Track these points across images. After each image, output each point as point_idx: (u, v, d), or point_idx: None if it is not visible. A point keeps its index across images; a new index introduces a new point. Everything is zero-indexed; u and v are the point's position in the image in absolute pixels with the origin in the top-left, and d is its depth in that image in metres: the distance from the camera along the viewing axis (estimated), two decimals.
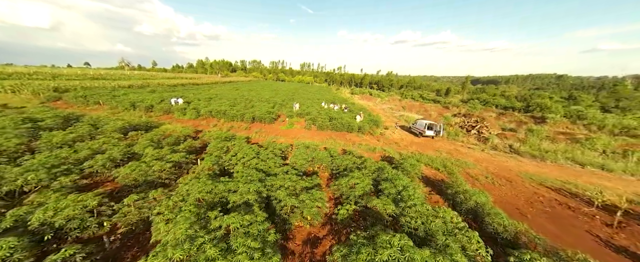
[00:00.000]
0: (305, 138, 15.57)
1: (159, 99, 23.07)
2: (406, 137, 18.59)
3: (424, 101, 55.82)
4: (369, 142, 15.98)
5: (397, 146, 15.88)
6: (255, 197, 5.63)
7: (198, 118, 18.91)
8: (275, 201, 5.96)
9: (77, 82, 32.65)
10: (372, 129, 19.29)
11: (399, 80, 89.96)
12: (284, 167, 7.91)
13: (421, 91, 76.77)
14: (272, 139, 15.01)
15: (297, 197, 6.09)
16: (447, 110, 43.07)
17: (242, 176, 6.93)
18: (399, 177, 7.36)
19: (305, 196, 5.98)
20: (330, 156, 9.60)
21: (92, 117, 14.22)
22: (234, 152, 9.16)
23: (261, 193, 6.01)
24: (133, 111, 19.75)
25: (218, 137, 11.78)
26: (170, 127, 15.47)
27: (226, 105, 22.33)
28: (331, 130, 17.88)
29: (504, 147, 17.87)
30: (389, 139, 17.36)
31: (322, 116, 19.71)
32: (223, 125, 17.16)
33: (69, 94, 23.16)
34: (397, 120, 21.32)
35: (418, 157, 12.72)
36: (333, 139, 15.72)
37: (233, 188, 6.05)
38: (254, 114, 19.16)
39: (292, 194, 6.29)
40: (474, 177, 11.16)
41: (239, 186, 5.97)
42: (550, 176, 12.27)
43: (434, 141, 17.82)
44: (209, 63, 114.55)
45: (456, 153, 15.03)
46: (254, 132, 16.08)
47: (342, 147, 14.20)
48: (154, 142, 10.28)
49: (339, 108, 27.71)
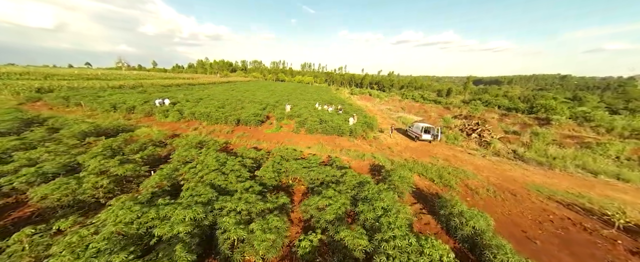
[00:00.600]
0: (291, 143, 14.37)
1: (143, 100, 22.01)
2: (401, 141, 17.32)
3: (424, 102, 54.38)
4: (360, 147, 14.74)
5: (391, 151, 14.62)
6: (190, 228, 4.44)
7: (180, 121, 17.79)
8: (220, 232, 4.76)
9: (66, 82, 31.76)
10: (365, 133, 18.04)
11: (400, 80, 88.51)
12: (248, 183, 6.71)
13: (422, 92, 75.30)
14: (254, 144, 13.86)
15: (249, 224, 4.89)
16: (448, 112, 41.69)
17: (189, 195, 5.75)
18: (380, 197, 6.12)
19: (257, 224, 4.77)
20: (305, 167, 8.39)
21: (57, 120, 13.15)
22: (196, 163, 7.99)
23: (202, 221, 4.81)
24: (113, 113, 18.69)
25: (188, 144, 10.62)
26: (145, 131, 14.34)
27: (213, 106, 21.22)
28: (321, 133, 16.67)
29: (507, 153, 16.53)
30: (383, 144, 16.10)
31: (312, 119, 18.50)
32: (204, 129, 16.03)
33: (51, 95, 22.19)
34: (392, 123, 20.08)
35: (411, 166, 11.46)
36: (321, 143, 14.50)
37: (170, 213, 4.86)
38: (239, 116, 18.02)
39: (245, 221, 5.09)
40: (474, 189, 9.87)
41: (175, 211, 4.78)
42: (559, 187, 10.94)
43: (432, 146, 16.53)
44: (208, 63, 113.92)
45: (455, 160, 13.73)
46: (236, 136, 14.91)
47: (329, 153, 12.99)
48: (113, 150, 9.16)
49: (333, 109, 26.50)
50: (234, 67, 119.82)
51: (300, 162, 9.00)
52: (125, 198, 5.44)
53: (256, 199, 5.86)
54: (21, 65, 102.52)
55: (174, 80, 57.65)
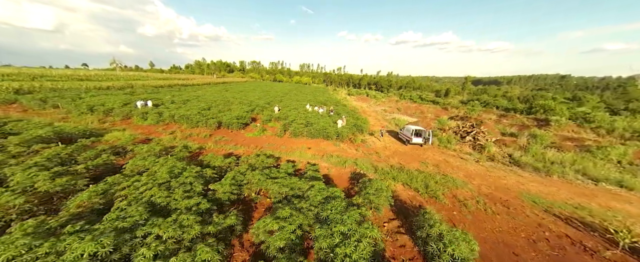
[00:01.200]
0: (271, 148, 13.46)
1: (124, 102, 21.11)
2: (391, 145, 16.39)
3: (422, 103, 53.51)
4: (345, 152, 13.81)
5: (378, 156, 13.69)
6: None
7: (158, 123, 16.87)
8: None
9: (50, 83, 30.85)
10: (353, 136, 17.13)
11: (398, 81, 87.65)
12: (194, 200, 5.78)
13: (420, 92, 74.47)
14: (231, 149, 12.94)
15: (177, 255, 3.97)
16: (445, 112, 40.82)
17: (113, 218, 4.82)
18: (342, 218, 5.19)
19: (178, 259, 3.85)
20: (271, 178, 7.46)
21: (17, 124, 12.23)
22: (147, 175, 7.06)
23: (108, 257, 3.88)
24: (88, 116, 17.77)
25: (149, 151, 9.69)
26: (115, 135, 13.45)
27: (197, 108, 20.30)
28: (306, 137, 15.76)
29: (503, 157, 15.60)
30: (370, 148, 15.18)
31: (298, 122, 17.60)
32: (181, 133, 15.10)
33: (28, 96, 21.29)
34: (383, 126, 19.17)
35: (395, 174, 10.51)
36: (301, 149, 13.58)
37: (71, 246, 3.93)
38: (220, 119, 17.10)
39: (170, 252, 4.17)
40: (462, 201, 8.93)
41: (74, 244, 3.84)
42: (557, 197, 10.01)
43: (423, 150, 15.59)
44: (205, 64, 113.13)
45: (445, 166, 12.79)
46: (213, 141, 14.00)
47: (309, 159, 12.07)
48: (62, 159, 8.24)
49: (324, 111, 25.59)
50: (231, 68, 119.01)
51: (267, 172, 8.08)
52: (30, 223, 4.51)
53: (195, 220, 4.94)
54: (17, 66, 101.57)
55: (167, 81, 56.74)
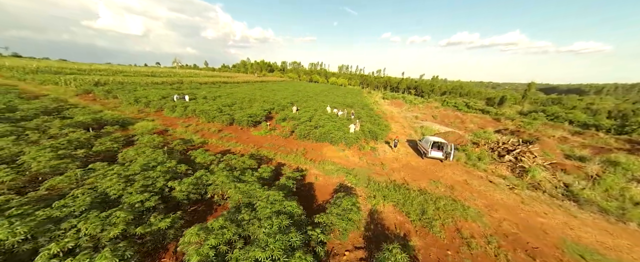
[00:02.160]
0: (269, 148, 13.26)
1: (162, 95, 23.90)
2: (404, 157, 14.47)
3: (468, 111, 47.17)
4: (345, 160, 12.69)
5: (381, 168, 12.15)
6: None
7: (182, 116, 18.49)
8: None
9: (121, 78, 37.25)
10: (363, 142, 15.77)
11: (443, 85, 79.34)
12: (142, 196, 5.77)
13: (468, 99, 65.92)
14: (231, 146, 13.18)
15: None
16: (495, 124, 35.05)
17: (61, 205, 5.07)
18: (266, 242, 4.40)
19: (77, 260, 3.71)
20: (234, 180, 7.08)
21: (72, 110, 14.79)
22: (127, 164, 7.49)
23: (23, 243, 3.97)
24: (134, 106, 20.62)
25: (148, 142, 10.45)
26: (143, 125, 15.13)
27: (219, 104, 21.66)
28: (312, 140, 15.14)
29: (554, 188, 12.18)
30: (378, 158, 13.64)
31: (306, 124, 17.08)
32: (196, 126, 16.16)
33: (99, 88, 25.94)
34: (397, 136, 17.08)
35: (387, 192, 9.02)
36: (301, 153, 13.00)
37: None
38: (233, 116, 17.77)
39: (83, 248, 4.09)
40: (466, 238, 7.07)
41: None
42: (627, 256, 7.13)
43: (441, 166, 13.29)
44: (249, 63, 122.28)
45: (463, 189, 10.54)
46: (219, 136, 14.54)
47: (303, 163, 11.41)
48: (80, 142, 9.47)
49: (344, 114, 24.50)
50: (272, 68, 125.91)
51: (237, 174, 7.75)
52: None
53: (125, 219, 4.85)
54: (113, 64, 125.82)
55: (213, 78, 62.87)
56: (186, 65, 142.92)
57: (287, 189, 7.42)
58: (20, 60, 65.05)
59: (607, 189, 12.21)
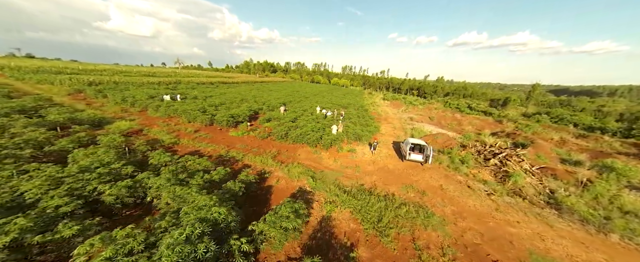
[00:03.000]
0: (240, 149, 12.93)
1: (150, 95, 23.94)
2: (384, 159, 13.89)
3: (470, 113, 45.97)
4: (317, 162, 12.23)
5: (354, 171, 11.64)
6: None
7: (164, 116, 18.37)
8: None
9: (117, 77, 37.77)
10: (344, 144, 15.28)
11: (446, 87, 77.74)
12: (65, 199, 5.47)
13: (471, 100, 64.42)
14: (201, 146, 12.90)
15: None
16: (495, 126, 33.97)
17: None
18: (160, 255, 4.02)
19: None
20: (177, 184, 6.73)
21: (47, 109, 14.81)
22: (61, 165, 7.24)
23: None
24: (121, 105, 20.70)
25: (108, 142, 10.24)
26: (120, 124, 15.05)
27: (203, 105, 21.51)
28: (290, 141, 14.74)
29: (538, 194, 11.41)
30: (354, 160, 13.12)
31: (287, 125, 16.69)
32: (174, 126, 15.99)
33: (90, 88, 26.21)
34: (375, 138, 16.54)
35: (346, 198, 8.50)
36: (272, 154, 12.61)
37: None
38: (217, 115, 17.50)
39: None
40: (420, 249, 6.52)
41: None
42: None
43: (420, 170, 12.66)
44: (252, 64, 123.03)
45: (435, 194, 9.93)
46: (193, 137, 14.29)
47: (268, 166, 11.01)
48: (39, 142, 9.34)
49: (333, 115, 24.03)
50: (275, 68, 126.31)
51: (183, 176, 7.41)
52: None
53: (23, 226, 4.54)
54: (121, 64, 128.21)
55: (213, 78, 63.23)
56: (191, 65, 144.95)
57: (231, 193, 7.03)
58: (29, 61, 66.96)
59: (596, 196, 11.38)
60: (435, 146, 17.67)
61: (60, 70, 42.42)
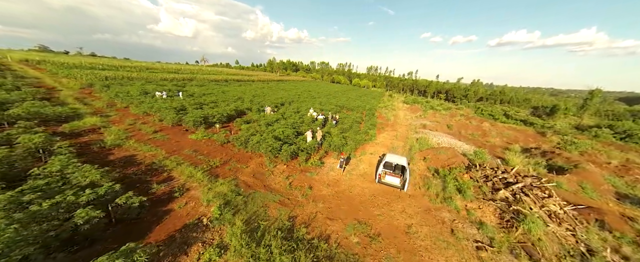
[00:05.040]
0: (181, 156, 11.36)
1: (145, 91, 24.10)
2: (350, 180, 11.08)
3: (506, 121, 39.38)
4: (263, 178, 10.04)
5: (301, 193, 9.18)
6: None
7: (143, 114, 17.90)
8: None
9: (136, 73, 40.06)
10: (314, 155, 12.87)
11: (479, 90, 68.81)
12: None
13: (508, 107, 55.80)
14: (142, 150, 11.63)
15: None
16: (537, 139, 28.09)
17: None
18: None
19: None
20: None
21: (16, 104, 15.04)
22: None
23: None
24: (114, 100, 21.04)
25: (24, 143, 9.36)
26: (90, 120, 14.75)
27: (186, 103, 20.78)
28: (250, 149, 12.83)
29: (564, 256, 7.69)
30: (313, 178, 10.63)
31: (252, 130, 14.79)
32: (136, 125, 15.17)
33: (99, 83, 27.58)
34: (342, 154, 13.52)
35: (241, 244, 6.12)
36: (212, 165, 10.79)
37: None
38: (191, 115, 16.31)
39: None
40: None
41: None
42: None
43: (396, 198, 9.64)
44: (275, 63, 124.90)
45: (392, 241, 7.01)
46: (147, 138, 13.18)
47: (193, 182, 9.17)
48: None
49: (324, 118, 21.59)
50: (297, 67, 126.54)
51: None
52: None
53: None
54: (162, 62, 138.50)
55: (232, 76, 64.47)
56: (220, 63, 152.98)
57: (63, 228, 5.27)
58: (78, 58, 74.93)
59: None
60: (435, 164, 14.22)
61: (93, 67, 46.71)
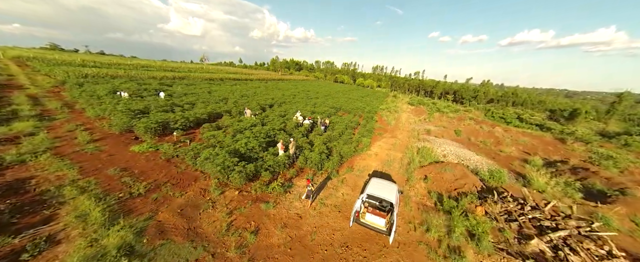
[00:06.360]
0: (104, 178, 8.71)
1: (110, 90, 21.68)
2: (324, 213, 8.19)
3: (519, 125, 35.57)
4: (192, 216, 7.25)
5: (238, 242, 6.37)
6: None
7: (97, 117, 15.44)
8: None
9: (122, 71, 38.03)
10: (284, 173, 10.01)
11: (489, 91, 64.38)
12: None
13: (522, 109, 51.52)
14: (52, 170, 9.04)
15: None
16: (558, 148, 24.53)
17: None
18: None
19: None
20: None
21: None
22: None
23: None
24: (77, 100, 18.77)
25: None
26: (20, 125, 12.35)
27: (154, 104, 18.27)
28: (200, 166, 10.10)
29: None
30: (267, 211, 7.79)
31: (212, 140, 12.06)
32: (74, 133, 12.66)
33: (70, 80, 25.46)
34: (308, 181, 10.63)
35: None
36: (138, 196, 8.08)
37: None
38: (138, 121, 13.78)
39: None
40: None
41: None
42: None
43: (377, 250, 6.71)
44: (278, 62, 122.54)
45: None
46: (71, 152, 10.60)
47: (73, 228, 6.47)
48: None
49: (313, 123, 18.77)
50: (300, 66, 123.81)
51: None
52: None
53: None
54: (168, 61, 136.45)
55: (231, 74, 62.10)
56: (224, 62, 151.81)
57: None
58: (82, 56, 73.66)
59: None
60: (438, 186, 11.17)
61: (85, 64, 44.98)
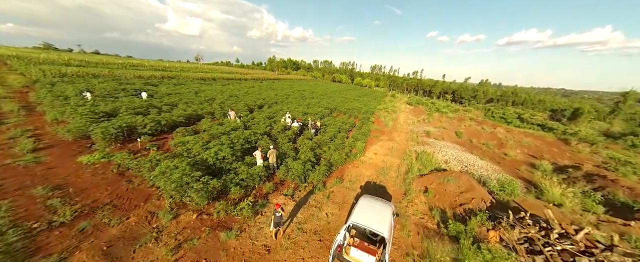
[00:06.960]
0: (21, 200, 7.05)
1: (80, 91, 19.89)
2: (293, 244, 6.62)
3: (520, 126, 34.22)
4: (127, 252, 5.65)
5: None
6: None
7: (53, 120, 13.72)
8: None
9: (107, 70, 36.09)
10: (257, 190, 8.39)
11: (489, 91, 63.08)
12: None
13: (522, 109, 50.26)
14: None
15: None
16: (563, 149, 23.22)
17: None
18: None
19: None
20: None
21: None
22: None
23: None
24: (42, 101, 17.01)
25: None
26: None
27: (126, 105, 16.56)
28: (156, 183, 8.43)
29: None
30: (226, 244, 6.19)
31: (180, 147, 10.42)
32: (18, 140, 10.97)
33: (42, 81, 23.63)
34: (277, 205, 9.13)
35: None
36: (60, 225, 6.43)
37: None
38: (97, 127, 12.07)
39: None
40: None
41: None
42: None
43: None
44: (275, 61, 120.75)
45: None
46: (12, 162, 8.91)
47: None
48: None
49: (303, 125, 17.19)
50: (298, 65, 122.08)
51: None
52: None
53: None
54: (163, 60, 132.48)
55: (225, 74, 60.21)
56: (221, 62, 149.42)
57: None
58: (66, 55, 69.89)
59: None
60: (441, 200, 9.63)
61: (69, 63, 42.87)
